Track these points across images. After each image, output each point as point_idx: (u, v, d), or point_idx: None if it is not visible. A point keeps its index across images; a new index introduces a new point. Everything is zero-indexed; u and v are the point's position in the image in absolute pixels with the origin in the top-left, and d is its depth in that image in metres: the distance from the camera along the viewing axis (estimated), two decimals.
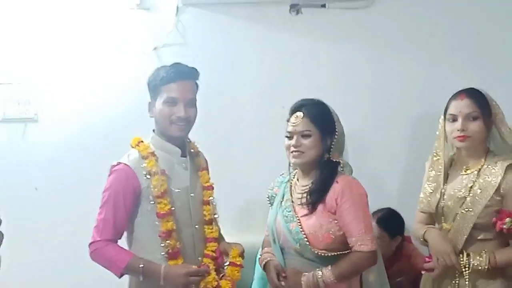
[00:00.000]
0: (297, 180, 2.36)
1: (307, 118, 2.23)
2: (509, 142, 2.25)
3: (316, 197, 2.23)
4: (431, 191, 2.36)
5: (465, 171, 2.29)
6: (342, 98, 3.01)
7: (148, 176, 2.13)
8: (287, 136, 2.27)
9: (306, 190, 2.26)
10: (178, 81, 2.16)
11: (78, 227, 3.13)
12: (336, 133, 2.27)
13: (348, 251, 2.20)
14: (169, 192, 2.16)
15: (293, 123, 2.25)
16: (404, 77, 3.05)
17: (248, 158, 3.14)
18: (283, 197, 2.36)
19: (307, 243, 2.20)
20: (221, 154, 2.83)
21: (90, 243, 2.17)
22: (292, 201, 2.31)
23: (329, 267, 2.17)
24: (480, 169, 2.24)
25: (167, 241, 2.13)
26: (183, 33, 3.16)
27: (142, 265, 2.09)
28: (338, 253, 2.21)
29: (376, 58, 3.07)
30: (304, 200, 2.25)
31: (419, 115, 3.03)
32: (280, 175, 2.47)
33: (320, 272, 2.17)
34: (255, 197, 2.57)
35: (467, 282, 2.17)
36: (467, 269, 2.16)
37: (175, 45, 3.15)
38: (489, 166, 2.22)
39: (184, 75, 2.18)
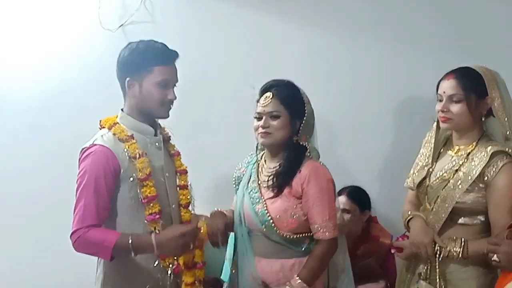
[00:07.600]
0: (265, 161, 2.36)
1: (276, 99, 2.23)
2: (501, 129, 2.18)
3: (282, 180, 2.23)
4: (420, 168, 2.33)
5: (455, 153, 2.23)
6: (312, 81, 2.99)
7: (133, 160, 2.07)
8: (256, 117, 2.27)
9: (273, 173, 2.26)
10: (171, 64, 2.15)
11: (39, 214, 3.10)
12: (306, 115, 2.25)
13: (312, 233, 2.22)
14: (153, 174, 2.11)
15: (263, 103, 2.25)
16: (376, 62, 3.04)
17: (218, 140, 3.10)
18: (249, 179, 2.36)
19: (273, 225, 2.21)
20: (190, 136, 2.80)
21: (72, 233, 2.02)
22: (259, 183, 2.31)
23: (296, 277, 2.15)
24: (469, 152, 2.18)
25: (153, 224, 2.08)
26: (151, 11, 3.09)
27: (130, 240, 1.98)
28: (304, 234, 2.23)
29: (348, 41, 3.05)
30: (270, 183, 2.25)
31: (390, 100, 3.02)
32: (249, 155, 2.45)
33: (288, 285, 2.15)
34: (225, 179, 2.55)
35: (437, 269, 2.17)
36: (438, 259, 2.15)
37: (142, 23, 3.08)
38: (479, 150, 2.15)
39: (174, 58, 2.17)
